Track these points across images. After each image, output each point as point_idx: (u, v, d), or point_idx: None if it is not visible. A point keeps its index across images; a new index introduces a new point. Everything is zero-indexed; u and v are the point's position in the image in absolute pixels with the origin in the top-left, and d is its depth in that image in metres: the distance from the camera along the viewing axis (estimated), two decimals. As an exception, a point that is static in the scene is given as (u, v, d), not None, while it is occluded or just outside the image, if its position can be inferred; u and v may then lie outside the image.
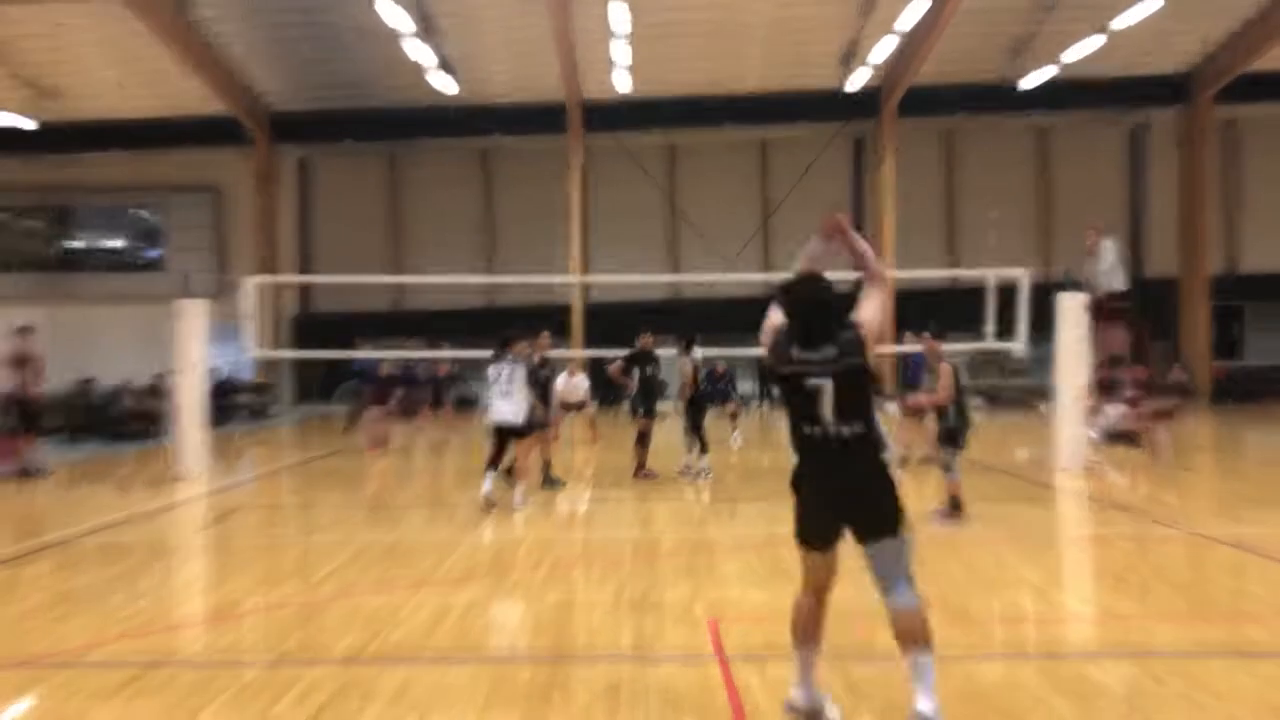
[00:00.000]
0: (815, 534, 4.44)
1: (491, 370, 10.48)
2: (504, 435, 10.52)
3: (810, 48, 27.46)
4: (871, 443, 4.33)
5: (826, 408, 4.28)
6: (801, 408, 4.36)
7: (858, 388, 4.33)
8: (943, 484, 9.69)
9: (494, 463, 10.50)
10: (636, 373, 12.78)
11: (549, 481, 11.94)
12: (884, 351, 16.77)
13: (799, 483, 4.48)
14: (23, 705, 4.82)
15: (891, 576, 4.38)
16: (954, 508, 9.54)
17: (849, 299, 4.42)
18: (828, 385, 4.28)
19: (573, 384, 17.94)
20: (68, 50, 26.52)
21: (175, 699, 4.80)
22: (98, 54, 27.09)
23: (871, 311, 4.45)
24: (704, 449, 12.64)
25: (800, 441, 4.42)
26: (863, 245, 4.81)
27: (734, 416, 17.89)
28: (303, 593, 7.03)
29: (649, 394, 12.80)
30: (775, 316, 4.70)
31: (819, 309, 4.39)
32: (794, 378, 4.37)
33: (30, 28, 25.47)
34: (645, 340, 12.86)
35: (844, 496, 4.34)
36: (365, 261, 31.55)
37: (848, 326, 4.37)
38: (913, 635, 4.36)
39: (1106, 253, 13.34)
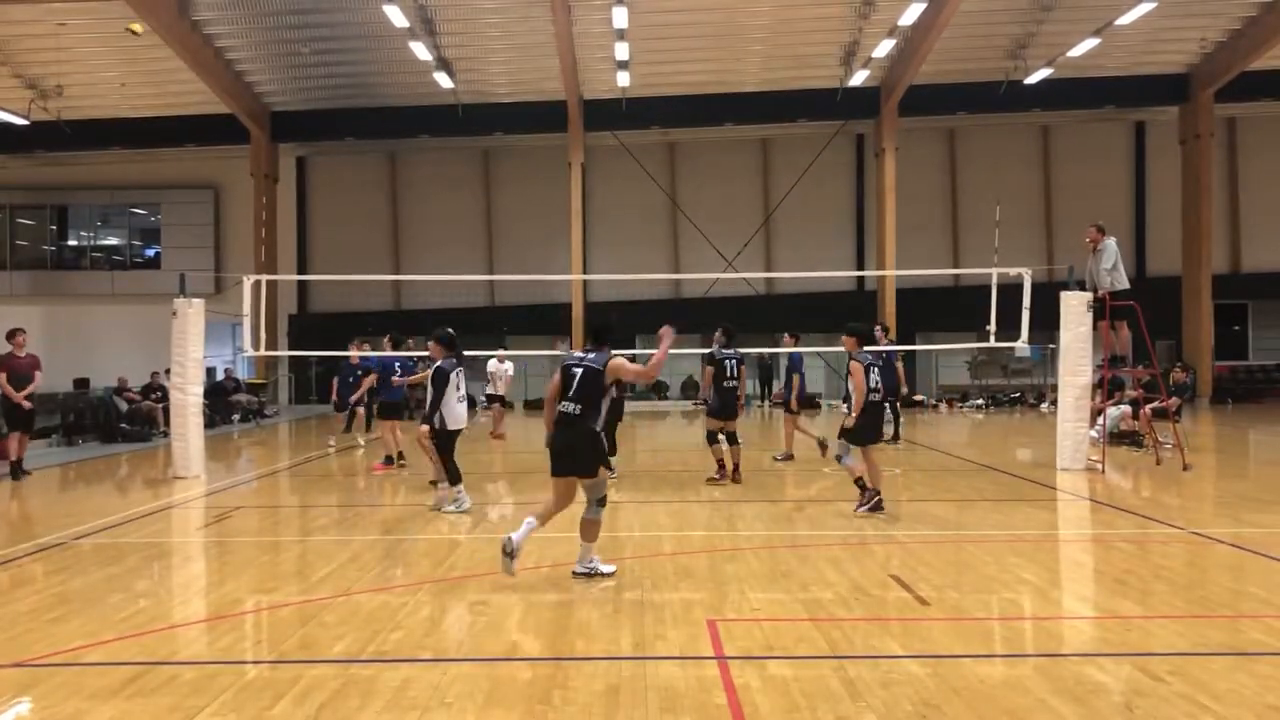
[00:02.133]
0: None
1: (453, 374, 10.36)
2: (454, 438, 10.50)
3: (811, 46, 27.46)
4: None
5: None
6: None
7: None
8: (874, 477, 10.13)
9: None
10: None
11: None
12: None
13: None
14: (22, 705, 4.81)
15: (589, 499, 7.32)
16: (862, 489, 10.09)
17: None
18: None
19: (503, 369, 17.73)
20: (69, 49, 26.53)
21: (175, 699, 4.80)
22: (99, 53, 27.10)
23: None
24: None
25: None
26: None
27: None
28: (302, 593, 7.02)
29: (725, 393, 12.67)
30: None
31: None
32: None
33: (32, 27, 25.47)
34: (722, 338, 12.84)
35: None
36: (364, 260, 31.58)
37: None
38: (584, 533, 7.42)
39: (1108, 252, 13.32)
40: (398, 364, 14.57)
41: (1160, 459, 14.09)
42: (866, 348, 10.40)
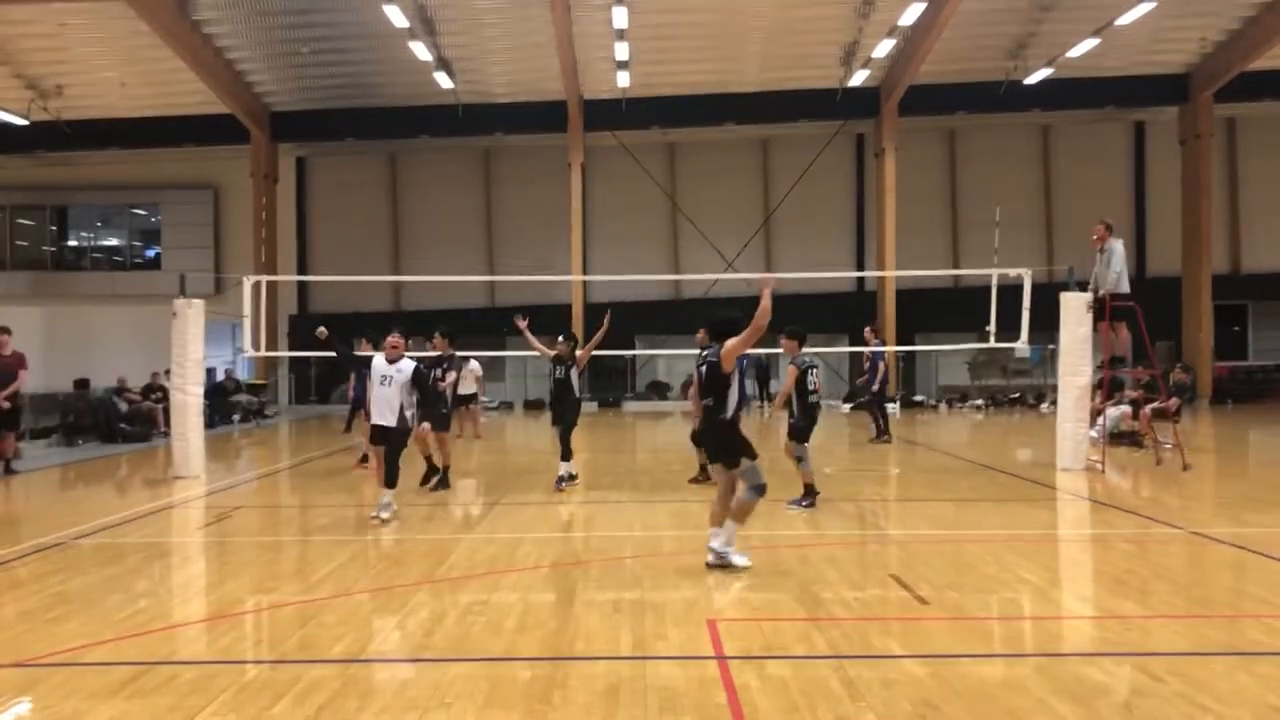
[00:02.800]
0: None
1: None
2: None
3: (811, 46, 27.46)
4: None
5: None
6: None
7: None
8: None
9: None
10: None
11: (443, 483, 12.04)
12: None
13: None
14: (22, 705, 4.81)
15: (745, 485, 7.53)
16: (807, 494, 10.34)
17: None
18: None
19: (473, 368, 17.51)
20: (70, 50, 26.53)
21: (175, 699, 4.79)
22: (99, 53, 27.10)
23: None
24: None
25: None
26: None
27: None
28: (302, 593, 7.02)
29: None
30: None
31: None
32: None
33: (33, 27, 25.47)
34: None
35: None
36: (364, 260, 31.58)
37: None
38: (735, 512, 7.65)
39: (1116, 255, 13.26)
40: None
41: (1160, 459, 14.09)
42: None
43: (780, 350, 10.83)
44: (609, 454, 17.48)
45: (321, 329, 10.45)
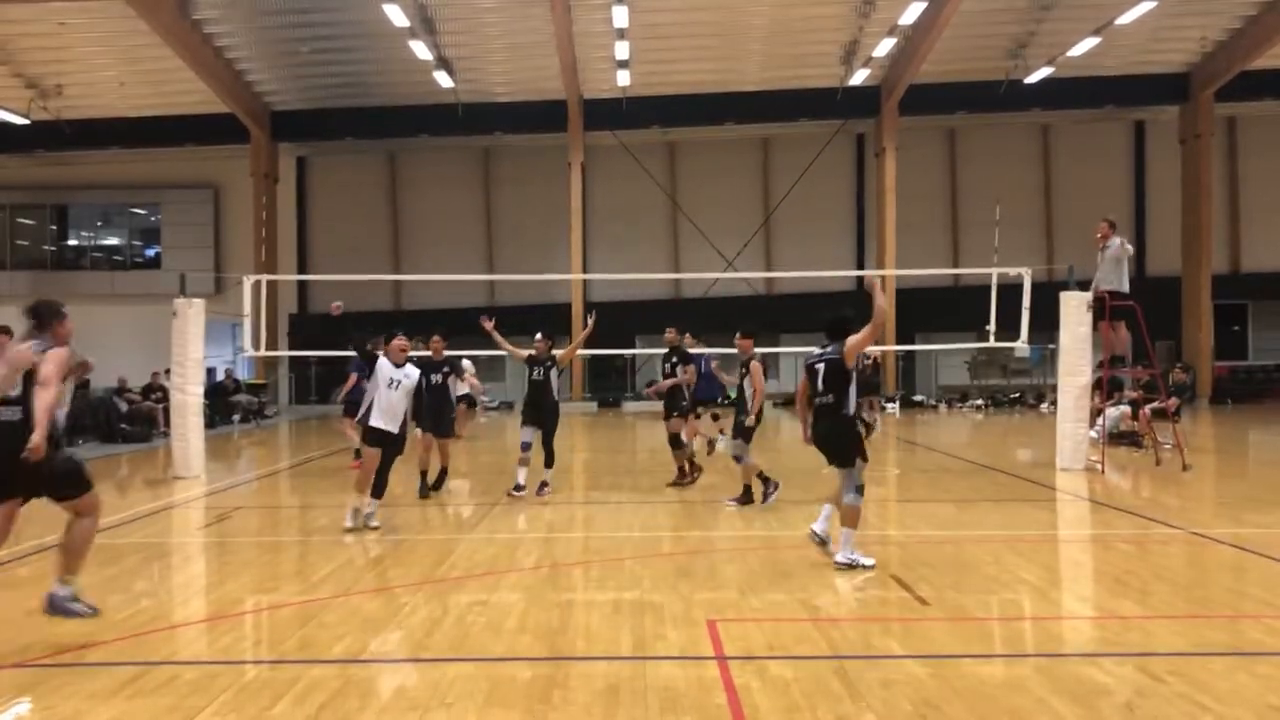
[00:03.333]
0: None
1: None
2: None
3: (811, 46, 27.46)
4: None
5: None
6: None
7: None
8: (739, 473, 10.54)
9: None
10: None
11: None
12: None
13: None
14: (22, 705, 4.81)
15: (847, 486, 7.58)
16: (747, 494, 10.48)
17: None
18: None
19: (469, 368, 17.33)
20: (70, 49, 26.51)
21: (175, 699, 4.79)
22: (99, 53, 27.09)
23: None
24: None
25: None
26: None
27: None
28: (302, 593, 7.02)
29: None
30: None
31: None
32: None
33: (32, 27, 25.47)
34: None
35: None
36: (364, 260, 31.54)
37: None
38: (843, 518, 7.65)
39: (1114, 251, 13.25)
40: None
41: (1160, 459, 14.08)
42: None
43: (780, 350, 10.89)
44: (609, 454, 17.49)
45: (338, 304, 10.10)
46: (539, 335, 11.64)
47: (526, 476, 11.32)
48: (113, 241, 35.74)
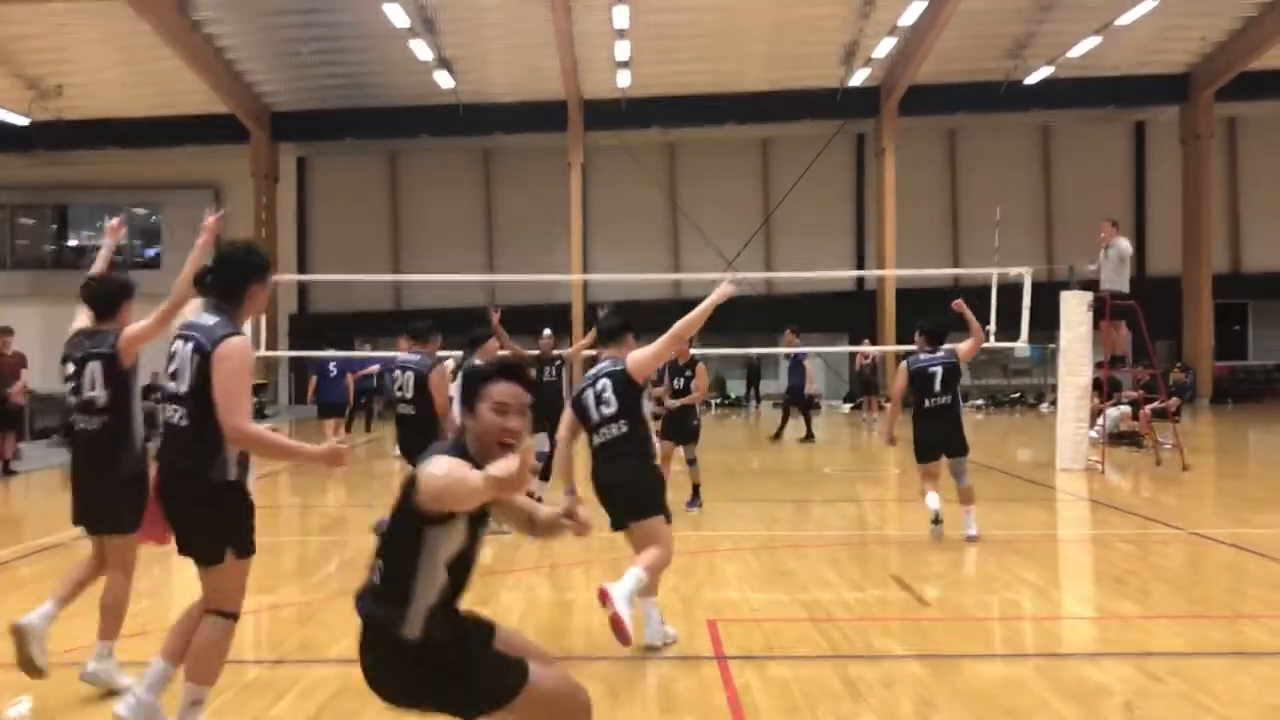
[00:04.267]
0: None
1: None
2: None
3: (811, 46, 27.44)
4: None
5: None
6: None
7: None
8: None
9: None
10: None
11: None
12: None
13: None
14: (22, 705, 4.82)
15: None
16: (696, 495, 10.36)
17: None
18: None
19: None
20: (70, 49, 26.49)
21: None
22: (99, 53, 27.08)
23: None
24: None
25: None
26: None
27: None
28: (302, 593, 7.02)
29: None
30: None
31: None
32: None
33: (32, 27, 25.46)
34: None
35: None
36: (364, 260, 31.50)
37: None
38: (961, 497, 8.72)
39: (1118, 251, 13.26)
40: (332, 365, 15.25)
41: (1160, 459, 14.09)
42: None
43: (777, 350, 11.00)
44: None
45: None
46: (546, 331, 11.25)
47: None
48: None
